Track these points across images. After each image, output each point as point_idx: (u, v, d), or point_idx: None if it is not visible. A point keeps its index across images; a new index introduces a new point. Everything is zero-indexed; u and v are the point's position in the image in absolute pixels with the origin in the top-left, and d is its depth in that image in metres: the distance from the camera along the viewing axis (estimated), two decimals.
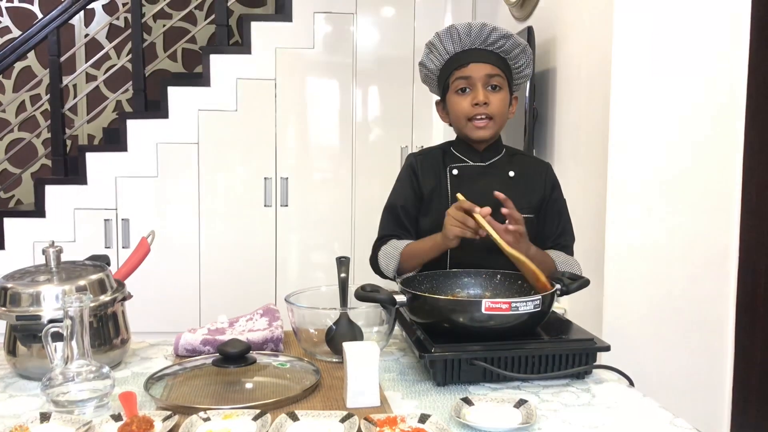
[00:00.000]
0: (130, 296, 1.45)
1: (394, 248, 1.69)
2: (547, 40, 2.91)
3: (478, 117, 1.70)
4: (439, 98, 1.81)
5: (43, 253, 1.39)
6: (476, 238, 1.49)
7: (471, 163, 1.77)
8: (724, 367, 2.41)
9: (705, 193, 2.35)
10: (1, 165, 4.70)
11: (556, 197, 1.81)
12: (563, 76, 2.77)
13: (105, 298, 1.37)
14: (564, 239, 1.79)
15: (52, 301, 1.30)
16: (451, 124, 1.80)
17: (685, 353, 2.39)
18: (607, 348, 1.32)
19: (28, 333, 1.30)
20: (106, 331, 1.38)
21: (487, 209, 1.48)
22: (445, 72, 1.75)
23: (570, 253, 1.78)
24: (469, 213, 1.48)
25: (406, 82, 4.17)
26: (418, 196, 1.77)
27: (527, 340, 1.31)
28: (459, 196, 1.55)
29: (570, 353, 1.30)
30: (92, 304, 1.31)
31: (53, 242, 1.43)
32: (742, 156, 2.35)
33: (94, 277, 1.37)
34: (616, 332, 2.33)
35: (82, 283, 1.34)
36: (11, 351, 1.34)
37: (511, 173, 1.76)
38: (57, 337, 1.20)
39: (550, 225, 1.78)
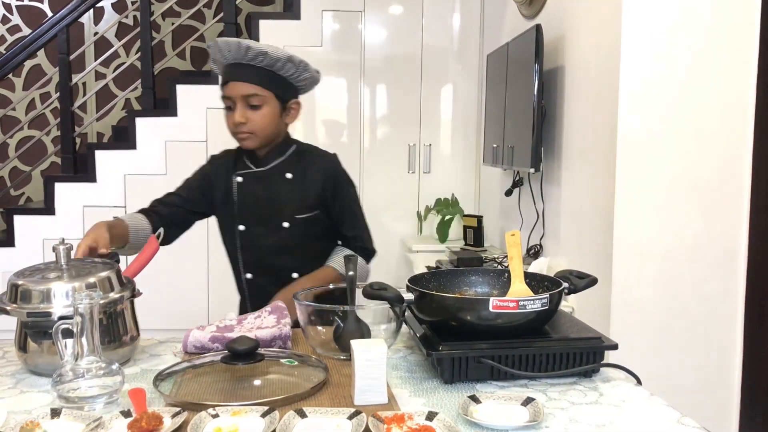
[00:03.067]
0: (139, 293, 1.46)
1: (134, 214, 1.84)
2: (555, 38, 2.90)
3: (240, 133, 1.81)
4: None
5: (54, 250, 1.40)
6: None
7: (254, 169, 1.87)
8: (733, 366, 2.40)
9: (713, 191, 2.35)
10: (12, 163, 4.73)
11: (338, 191, 1.89)
12: (571, 74, 2.76)
13: (114, 295, 1.38)
14: (350, 231, 1.91)
15: (62, 298, 1.31)
16: None
17: (694, 352, 2.38)
18: (614, 346, 1.32)
19: (38, 330, 1.31)
20: (116, 328, 1.39)
21: None
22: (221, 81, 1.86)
23: (357, 244, 1.90)
24: None
25: (414, 80, 4.17)
26: (206, 198, 1.91)
27: (535, 338, 1.31)
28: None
29: (577, 352, 1.30)
30: (102, 302, 1.31)
31: (63, 239, 1.44)
32: (751, 155, 2.34)
33: (104, 274, 1.38)
34: (624, 331, 2.33)
35: (91, 280, 1.35)
36: (22, 347, 1.35)
37: (288, 175, 1.86)
38: (67, 333, 1.21)
39: (339, 219, 1.90)
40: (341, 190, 1.90)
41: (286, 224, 1.85)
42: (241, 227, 1.88)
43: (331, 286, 1.66)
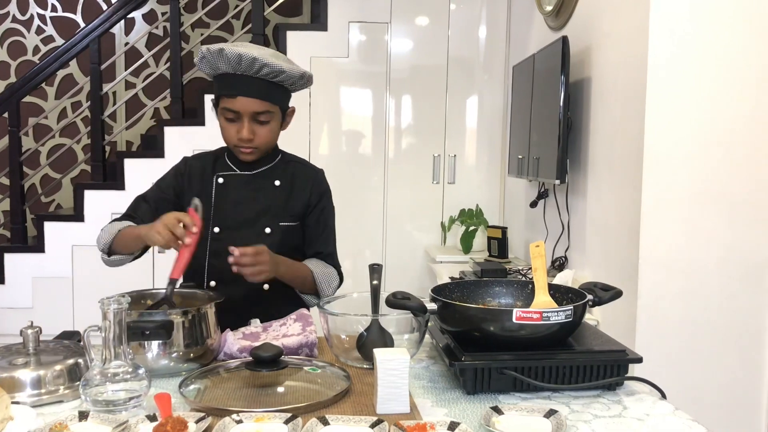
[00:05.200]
0: (221, 298, 1.52)
1: (114, 227, 1.73)
2: (582, 50, 2.89)
3: (245, 148, 1.77)
4: (213, 97, 1.83)
5: (21, 334, 1.34)
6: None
7: (238, 172, 1.84)
8: (761, 383, 2.36)
9: (741, 204, 2.32)
10: (43, 170, 4.81)
11: (322, 206, 1.88)
12: (598, 85, 2.75)
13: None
14: (326, 248, 1.87)
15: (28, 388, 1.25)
16: None
17: (720, 367, 2.35)
18: (639, 360, 1.31)
19: None
20: (199, 331, 1.42)
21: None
22: (216, 87, 1.78)
23: (331, 262, 1.86)
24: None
25: (440, 91, 4.18)
26: (179, 199, 1.82)
27: (558, 350, 1.31)
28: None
29: (601, 364, 1.30)
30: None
31: (32, 322, 1.37)
32: None
33: (71, 361, 1.31)
34: (649, 344, 2.30)
35: (58, 368, 1.28)
36: None
37: (277, 182, 1.84)
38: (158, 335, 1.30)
39: (314, 233, 1.86)
40: (326, 205, 1.89)
41: (268, 229, 1.79)
42: (216, 229, 1.80)
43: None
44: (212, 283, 1.80)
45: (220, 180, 1.83)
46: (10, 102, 4.05)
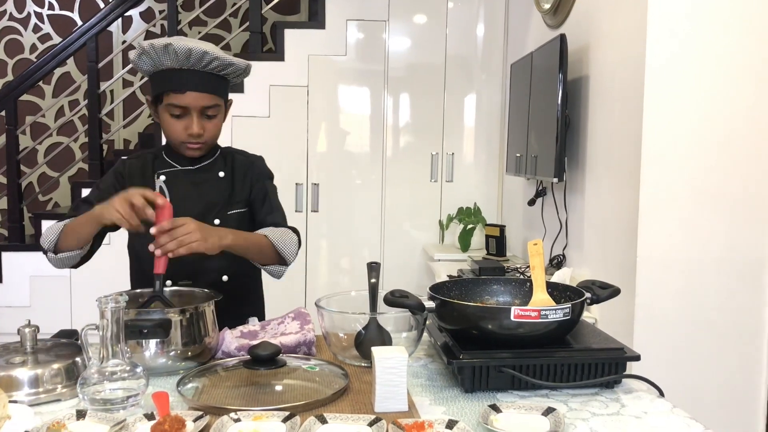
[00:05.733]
0: (218, 296, 1.51)
1: (58, 224, 1.69)
2: (579, 48, 2.89)
3: (193, 144, 1.75)
4: (149, 97, 1.80)
5: (18, 333, 1.33)
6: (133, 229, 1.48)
7: (180, 168, 1.81)
8: (759, 381, 2.36)
9: (740, 202, 2.32)
10: (40, 168, 4.80)
11: (264, 186, 1.88)
12: (596, 84, 2.75)
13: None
14: (273, 217, 1.84)
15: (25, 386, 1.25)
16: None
17: (718, 365, 2.35)
18: (637, 357, 1.31)
19: None
20: (197, 330, 1.42)
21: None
22: (158, 83, 1.72)
23: (292, 229, 1.82)
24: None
25: (438, 89, 4.18)
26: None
27: (556, 348, 1.31)
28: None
29: (599, 362, 1.30)
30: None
31: (29, 321, 1.36)
32: None
33: (69, 361, 1.30)
34: (647, 342, 2.31)
35: (56, 366, 1.28)
36: None
37: (221, 173, 1.84)
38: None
39: (259, 208, 1.85)
40: (267, 185, 1.89)
41: (217, 221, 1.77)
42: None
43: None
44: (168, 282, 1.69)
45: (162, 177, 1.79)
46: (7, 100, 4.05)
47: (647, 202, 2.31)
